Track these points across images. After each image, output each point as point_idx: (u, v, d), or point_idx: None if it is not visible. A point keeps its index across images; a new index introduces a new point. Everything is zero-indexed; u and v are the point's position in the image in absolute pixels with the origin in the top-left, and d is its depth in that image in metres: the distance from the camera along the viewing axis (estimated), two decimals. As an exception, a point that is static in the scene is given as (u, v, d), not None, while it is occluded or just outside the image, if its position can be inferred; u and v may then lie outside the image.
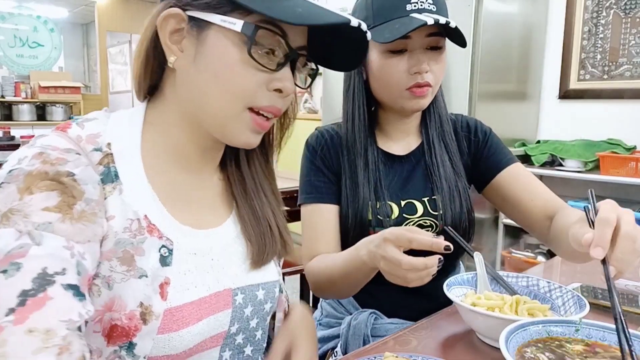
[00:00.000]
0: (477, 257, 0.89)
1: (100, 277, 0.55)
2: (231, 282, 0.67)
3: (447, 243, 0.73)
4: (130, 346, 0.55)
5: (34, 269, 0.46)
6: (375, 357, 0.64)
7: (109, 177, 0.59)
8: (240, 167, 0.74)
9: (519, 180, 1.09)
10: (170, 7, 0.60)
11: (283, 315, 0.77)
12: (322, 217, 1.05)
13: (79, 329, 0.48)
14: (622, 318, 0.60)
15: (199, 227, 0.66)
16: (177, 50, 0.60)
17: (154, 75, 0.65)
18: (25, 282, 0.45)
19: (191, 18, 0.59)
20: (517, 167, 1.11)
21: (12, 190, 0.50)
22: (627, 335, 0.58)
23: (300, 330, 0.71)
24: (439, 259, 0.74)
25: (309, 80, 0.68)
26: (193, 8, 0.59)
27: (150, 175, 0.63)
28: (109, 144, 0.61)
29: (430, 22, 0.92)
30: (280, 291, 0.76)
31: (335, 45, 0.64)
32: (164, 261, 0.59)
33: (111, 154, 0.60)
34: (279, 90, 0.60)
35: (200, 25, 0.59)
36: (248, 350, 0.71)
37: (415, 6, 0.96)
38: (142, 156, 0.63)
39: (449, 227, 0.98)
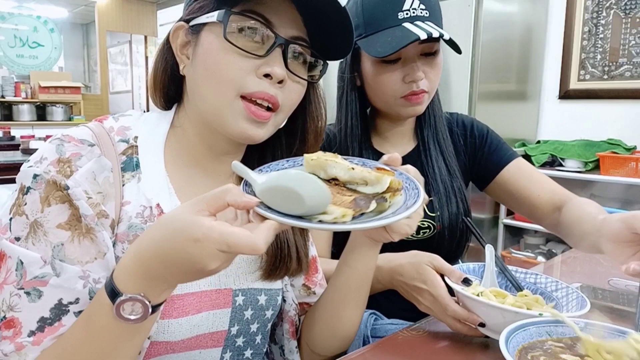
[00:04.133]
0: (489, 249, 0.88)
1: (115, 258, 0.59)
2: (233, 283, 0.68)
3: (480, 321, 0.74)
4: None
5: (52, 299, 0.55)
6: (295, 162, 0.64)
7: (130, 165, 0.63)
8: None
9: (523, 175, 1.10)
10: (178, 21, 0.66)
11: (290, 326, 0.77)
12: None
13: None
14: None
15: None
16: (186, 59, 0.66)
17: (170, 85, 0.70)
18: (45, 310, 0.54)
19: (192, 27, 0.64)
20: (520, 162, 1.12)
21: (36, 199, 0.56)
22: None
23: None
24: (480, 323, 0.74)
25: (319, 73, 0.68)
26: (191, 17, 0.64)
27: (170, 170, 0.67)
28: (136, 137, 0.66)
29: (423, 36, 0.91)
30: (284, 300, 0.76)
31: (331, 33, 0.64)
32: None
33: (136, 146, 0.65)
34: (269, 77, 0.61)
35: (197, 30, 0.63)
36: (248, 353, 0.71)
37: (407, 14, 0.95)
38: (165, 153, 0.67)
39: (468, 219, 0.99)
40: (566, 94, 2.82)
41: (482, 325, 0.74)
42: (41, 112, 6.40)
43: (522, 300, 0.77)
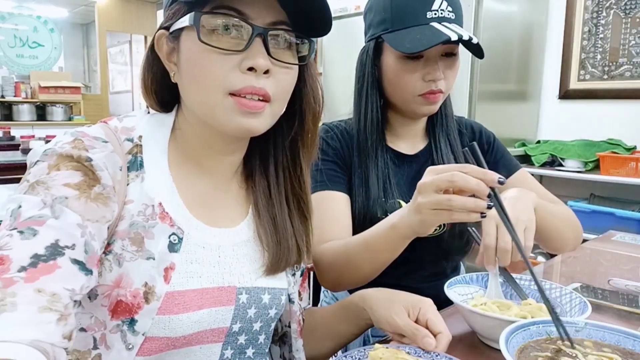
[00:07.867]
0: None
1: (113, 254, 0.60)
2: (237, 281, 0.68)
3: (500, 176, 0.66)
4: (132, 322, 0.59)
5: (48, 239, 0.51)
6: (365, 350, 0.66)
7: (135, 165, 0.64)
8: (268, 177, 0.75)
9: (527, 187, 1.10)
10: (158, 30, 0.66)
11: (298, 326, 0.78)
12: (335, 204, 1.03)
13: (79, 303, 0.54)
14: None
15: (211, 225, 0.69)
16: (174, 67, 0.66)
17: (163, 92, 0.69)
18: (39, 248, 0.50)
19: (171, 33, 0.64)
20: (523, 174, 1.13)
21: (43, 166, 0.56)
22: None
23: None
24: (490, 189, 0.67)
25: (306, 54, 0.66)
26: (169, 23, 0.63)
27: (173, 170, 0.67)
28: (140, 137, 0.66)
29: (454, 37, 0.92)
30: (291, 302, 0.76)
31: (310, 13, 0.62)
32: (172, 247, 0.63)
33: (140, 145, 0.65)
34: (253, 69, 0.60)
35: (176, 36, 0.63)
36: (249, 352, 0.72)
37: (435, 14, 0.97)
38: (169, 153, 0.68)
39: (473, 229, 0.98)
40: (566, 94, 2.82)
41: (501, 182, 0.67)
42: (41, 112, 6.40)
43: (526, 309, 0.77)
